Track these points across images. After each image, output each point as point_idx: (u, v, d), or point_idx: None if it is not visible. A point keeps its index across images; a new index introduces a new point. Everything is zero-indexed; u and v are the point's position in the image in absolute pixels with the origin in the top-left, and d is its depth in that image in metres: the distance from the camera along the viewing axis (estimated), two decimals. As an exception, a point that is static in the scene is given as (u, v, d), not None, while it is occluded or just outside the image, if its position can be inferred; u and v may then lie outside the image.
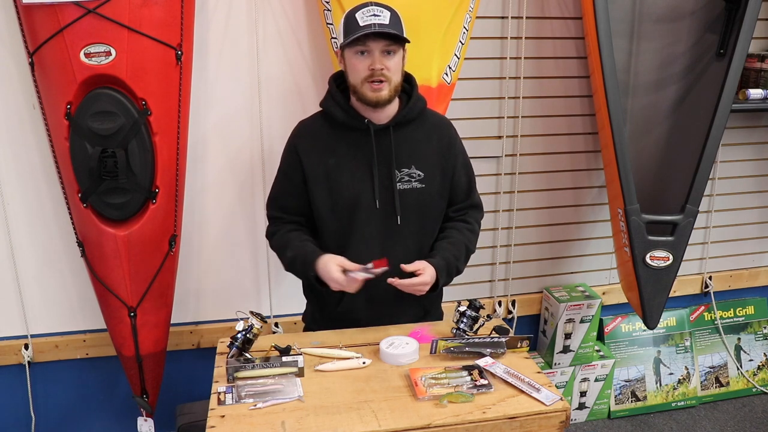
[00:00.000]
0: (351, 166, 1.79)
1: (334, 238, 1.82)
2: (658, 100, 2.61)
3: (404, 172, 1.80)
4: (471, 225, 1.93)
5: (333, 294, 1.79)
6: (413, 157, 1.81)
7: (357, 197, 1.78)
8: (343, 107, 1.78)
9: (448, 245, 1.85)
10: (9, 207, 2.29)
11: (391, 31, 1.66)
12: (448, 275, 1.82)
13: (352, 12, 1.70)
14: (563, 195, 2.81)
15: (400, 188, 1.79)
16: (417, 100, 1.83)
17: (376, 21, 1.66)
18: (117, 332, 2.19)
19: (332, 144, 1.80)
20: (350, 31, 1.68)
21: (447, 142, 1.87)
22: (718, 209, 3.02)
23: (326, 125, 1.82)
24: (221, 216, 2.46)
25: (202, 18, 2.23)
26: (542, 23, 2.57)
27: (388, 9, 1.70)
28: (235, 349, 1.61)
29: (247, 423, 1.39)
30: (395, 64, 1.71)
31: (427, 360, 1.64)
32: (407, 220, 1.81)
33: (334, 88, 1.81)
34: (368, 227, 1.80)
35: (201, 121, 2.33)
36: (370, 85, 1.70)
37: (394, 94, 1.74)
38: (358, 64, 1.70)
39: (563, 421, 1.45)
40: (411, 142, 1.82)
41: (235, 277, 2.54)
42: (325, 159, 1.79)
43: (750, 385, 3.13)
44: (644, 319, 2.45)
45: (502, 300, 2.87)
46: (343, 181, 1.78)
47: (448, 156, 1.86)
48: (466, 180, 1.92)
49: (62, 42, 1.88)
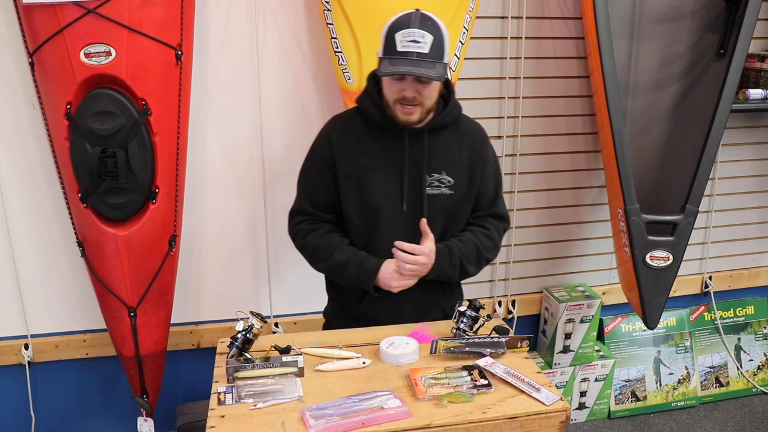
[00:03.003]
0: (382, 167, 1.77)
1: (358, 237, 1.82)
2: (658, 100, 2.61)
3: (434, 177, 1.79)
4: (488, 231, 1.88)
5: (354, 293, 1.82)
6: (444, 163, 1.80)
7: (385, 198, 1.78)
8: (379, 108, 1.75)
9: (456, 240, 1.84)
10: (9, 207, 2.29)
11: (423, 72, 1.59)
12: (450, 265, 1.79)
13: (394, 28, 1.63)
14: (563, 195, 2.81)
15: (429, 193, 1.79)
16: (453, 106, 1.80)
17: (415, 49, 1.59)
18: (117, 332, 2.19)
19: (365, 142, 1.78)
20: (388, 50, 1.63)
21: (479, 150, 1.85)
22: (718, 209, 3.02)
23: (360, 122, 1.79)
24: (221, 216, 2.46)
25: (202, 18, 2.23)
26: (542, 23, 2.57)
27: (432, 31, 1.61)
28: (235, 349, 1.60)
29: (247, 423, 1.39)
30: (431, 89, 1.68)
31: (427, 360, 1.63)
32: (433, 225, 1.79)
33: (371, 86, 1.77)
34: (393, 229, 1.79)
35: (201, 121, 2.33)
36: (402, 107, 1.68)
37: (425, 116, 1.72)
38: (392, 86, 1.67)
39: (563, 421, 1.45)
40: (443, 148, 1.80)
41: (235, 277, 2.54)
42: (357, 157, 1.77)
43: (750, 385, 3.13)
44: (644, 319, 2.45)
45: (502, 300, 2.87)
46: (372, 180, 1.77)
47: (478, 163, 1.84)
48: (493, 189, 1.89)
49: (62, 42, 1.88)
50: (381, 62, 1.66)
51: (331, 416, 1.38)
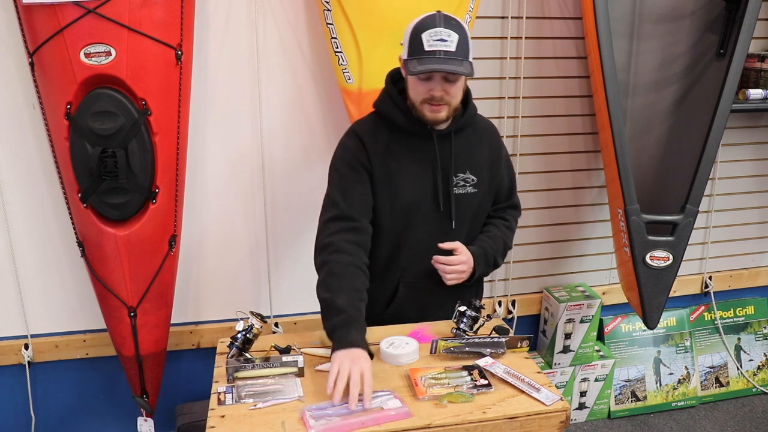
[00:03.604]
0: (411, 170, 1.77)
1: (387, 239, 1.81)
2: (658, 100, 2.61)
3: (460, 177, 1.80)
4: (509, 222, 1.95)
5: (383, 295, 1.83)
6: (469, 162, 1.81)
7: (417, 202, 1.78)
8: (404, 111, 1.74)
9: (486, 238, 1.87)
10: (9, 207, 2.29)
11: (455, 69, 1.60)
12: (486, 265, 1.84)
13: (419, 29, 1.63)
14: (563, 195, 2.81)
15: (456, 193, 1.80)
16: (472, 106, 1.82)
17: (442, 48, 1.60)
18: (117, 332, 2.19)
19: (392, 147, 1.76)
20: (414, 50, 1.63)
21: (497, 147, 1.89)
22: (718, 209, 3.02)
23: (384, 127, 1.77)
24: (221, 216, 2.46)
25: (202, 18, 2.23)
26: (542, 23, 2.57)
27: (456, 30, 1.62)
28: (235, 349, 1.61)
29: (247, 423, 1.39)
30: (457, 88, 1.68)
31: (427, 360, 1.63)
32: (461, 225, 1.82)
33: (392, 89, 1.77)
34: (423, 231, 1.80)
35: (201, 121, 2.33)
36: (430, 106, 1.68)
37: (451, 114, 1.73)
38: (419, 86, 1.67)
39: (563, 421, 1.45)
40: (467, 147, 1.82)
41: (235, 277, 2.54)
42: (387, 162, 1.76)
43: (750, 385, 3.13)
44: (644, 319, 2.45)
45: (502, 300, 2.87)
46: (403, 185, 1.76)
47: (497, 160, 1.88)
48: (509, 182, 1.94)
49: (62, 42, 1.88)
50: (407, 63, 1.66)
51: (331, 416, 1.38)
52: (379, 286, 1.83)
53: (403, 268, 1.83)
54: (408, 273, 1.84)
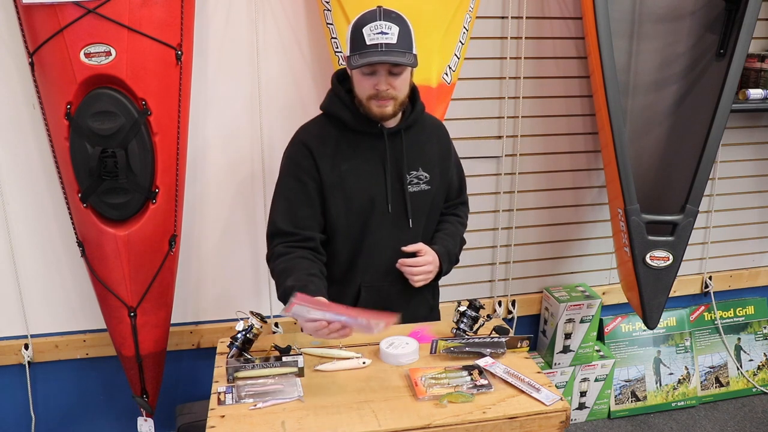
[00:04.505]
0: (363, 171, 1.76)
1: (345, 244, 1.79)
2: (658, 100, 2.61)
3: (413, 175, 1.80)
4: (462, 219, 1.99)
5: (345, 301, 1.78)
6: (420, 159, 1.81)
7: (371, 202, 1.76)
8: (353, 110, 1.73)
9: (445, 236, 1.88)
10: (9, 207, 2.29)
11: (396, 60, 1.60)
12: (449, 263, 1.86)
13: (360, 24, 1.63)
14: (563, 195, 2.81)
15: (410, 191, 1.79)
16: (420, 103, 1.82)
17: (383, 41, 1.60)
18: (117, 332, 2.19)
19: (343, 148, 1.75)
20: (356, 46, 1.63)
21: (445, 143, 1.90)
22: (718, 209, 3.02)
23: (332, 128, 1.76)
24: (221, 216, 2.46)
25: (202, 18, 2.23)
26: (542, 23, 2.57)
27: (397, 23, 1.62)
28: (235, 349, 1.61)
29: (247, 423, 1.39)
30: (402, 81, 1.67)
31: (427, 360, 1.63)
32: (417, 223, 1.82)
33: (339, 89, 1.76)
34: (380, 232, 1.79)
35: (201, 121, 2.33)
36: (376, 101, 1.67)
37: (399, 109, 1.72)
38: (364, 82, 1.66)
39: (563, 421, 1.45)
40: (418, 145, 1.81)
41: (235, 277, 2.54)
42: (338, 164, 1.74)
43: (750, 385, 3.13)
44: (644, 319, 2.45)
45: (502, 300, 2.87)
46: (357, 186, 1.75)
47: (446, 156, 1.89)
48: (458, 179, 1.96)
49: (62, 42, 1.88)
50: (350, 59, 1.65)
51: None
52: (341, 291, 1.81)
53: (364, 271, 1.81)
54: (369, 276, 1.81)
